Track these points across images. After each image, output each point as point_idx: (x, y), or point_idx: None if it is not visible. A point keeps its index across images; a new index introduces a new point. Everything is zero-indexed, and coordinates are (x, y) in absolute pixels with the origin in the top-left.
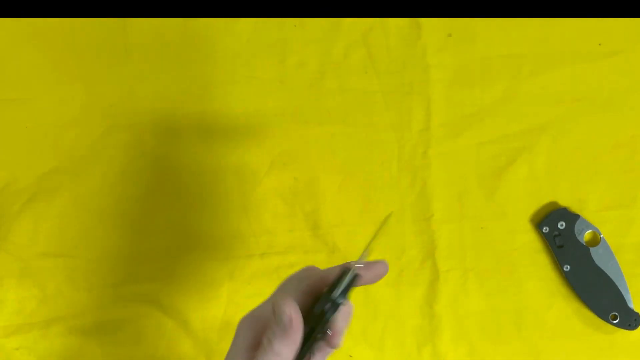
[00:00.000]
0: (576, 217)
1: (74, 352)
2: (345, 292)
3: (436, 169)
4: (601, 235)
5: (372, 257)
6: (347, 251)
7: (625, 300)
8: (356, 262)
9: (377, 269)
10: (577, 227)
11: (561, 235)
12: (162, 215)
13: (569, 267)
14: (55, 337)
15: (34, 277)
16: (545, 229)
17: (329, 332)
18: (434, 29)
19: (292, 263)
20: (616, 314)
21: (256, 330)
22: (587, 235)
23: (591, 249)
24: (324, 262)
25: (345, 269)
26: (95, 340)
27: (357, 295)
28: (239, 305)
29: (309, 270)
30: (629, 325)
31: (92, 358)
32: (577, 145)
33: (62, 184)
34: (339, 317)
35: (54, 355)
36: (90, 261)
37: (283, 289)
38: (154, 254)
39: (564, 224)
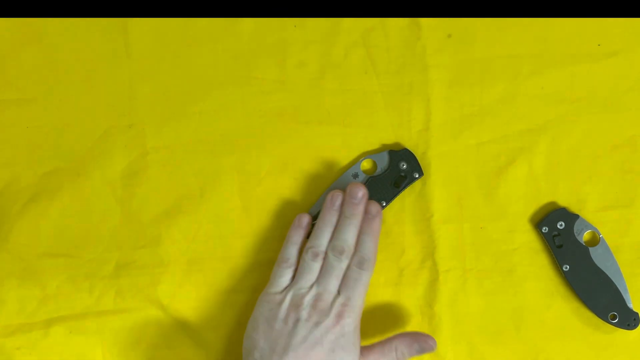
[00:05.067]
0: (575, 217)
1: (74, 352)
2: None
3: (436, 169)
4: (600, 235)
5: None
6: None
7: (624, 300)
8: None
9: None
10: (577, 227)
11: (560, 235)
12: (162, 215)
13: (568, 267)
14: (56, 337)
15: (34, 276)
16: (545, 229)
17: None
18: (434, 29)
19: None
20: (615, 313)
21: None
22: (586, 235)
23: (590, 249)
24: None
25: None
26: (96, 340)
27: None
28: (239, 305)
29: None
30: (628, 325)
31: (93, 358)
32: (577, 145)
33: (62, 184)
34: None
35: (55, 355)
36: (91, 261)
37: None
38: (155, 254)
39: (563, 224)
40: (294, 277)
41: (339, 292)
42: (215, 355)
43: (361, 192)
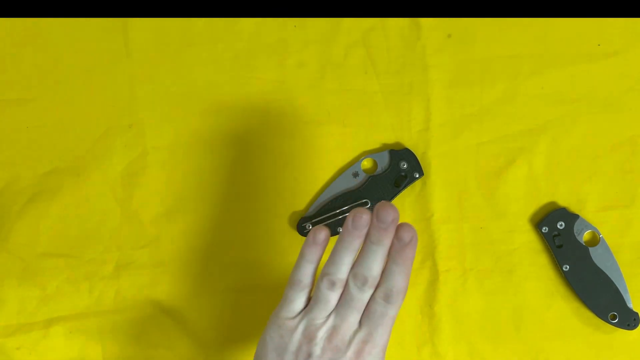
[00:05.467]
0: (575, 217)
1: (74, 352)
2: None
3: (436, 169)
4: (600, 235)
5: None
6: None
7: (624, 300)
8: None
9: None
10: (577, 227)
11: (560, 235)
12: (162, 215)
13: (568, 267)
14: (56, 337)
15: (34, 276)
16: (545, 229)
17: None
18: (434, 29)
19: (293, 263)
20: (615, 313)
21: None
22: (586, 235)
23: (590, 249)
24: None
25: None
26: (96, 340)
27: None
28: (238, 305)
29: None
30: (628, 325)
31: (93, 358)
32: (577, 145)
33: (62, 184)
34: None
35: (55, 355)
36: (90, 261)
37: None
38: (154, 255)
39: (563, 224)
40: (309, 299)
41: (359, 326)
42: (215, 355)
43: (391, 216)
